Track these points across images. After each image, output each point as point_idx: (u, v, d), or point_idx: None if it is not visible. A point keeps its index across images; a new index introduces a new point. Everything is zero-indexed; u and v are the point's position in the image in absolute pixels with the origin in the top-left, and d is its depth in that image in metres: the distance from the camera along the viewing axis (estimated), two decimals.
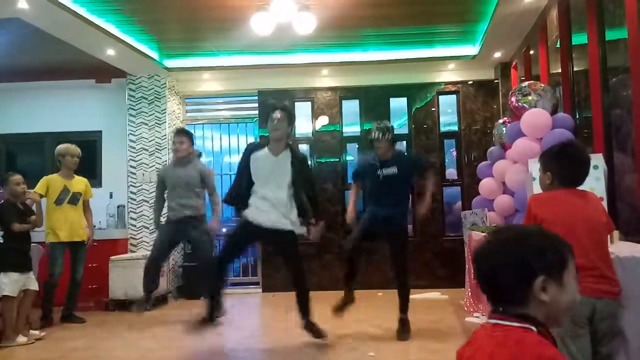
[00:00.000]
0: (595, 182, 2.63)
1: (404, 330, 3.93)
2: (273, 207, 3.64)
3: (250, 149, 3.84)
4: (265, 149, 3.76)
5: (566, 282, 1.08)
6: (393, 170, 3.91)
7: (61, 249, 4.74)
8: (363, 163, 4.27)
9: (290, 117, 3.79)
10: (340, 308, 4.08)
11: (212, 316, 3.80)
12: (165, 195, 4.78)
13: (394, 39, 5.66)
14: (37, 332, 4.27)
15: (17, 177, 4.31)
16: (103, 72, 6.33)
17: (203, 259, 4.56)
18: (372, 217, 3.98)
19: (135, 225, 6.32)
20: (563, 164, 2.19)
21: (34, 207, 4.46)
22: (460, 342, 1.18)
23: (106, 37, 5.05)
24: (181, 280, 6.24)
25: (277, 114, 3.68)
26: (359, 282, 4.20)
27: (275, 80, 6.47)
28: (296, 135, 6.55)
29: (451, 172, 6.59)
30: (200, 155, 4.95)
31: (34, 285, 4.26)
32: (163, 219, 4.81)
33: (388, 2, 4.68)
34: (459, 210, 6.07)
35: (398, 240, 3.99)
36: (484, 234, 4.08)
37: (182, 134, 4.74)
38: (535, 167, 2.91)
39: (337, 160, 6.55)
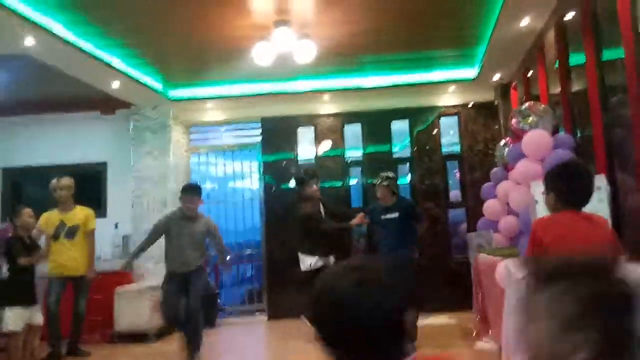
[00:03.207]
0: (598, 203, 2.62)
1: None
2: None
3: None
4: None
5: None
6: (394, 214, 4.52)
7: (58, 283, 4.74)
8: (372, 208, 4.87)
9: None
10: None
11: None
12: (164, 245, 4.53)
13: (393, 64, 5.73)
14: None
15: (29, 210, 4.38)
16: (108, 104, 6.42)
17: (190, 309, 4.34)
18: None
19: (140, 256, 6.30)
20: (565, 184, 2.18)
21: (41, 241, 4.49)
22: None
23: (111, 71, 5.15)
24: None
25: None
26: None
27: (278, 108, 6.54)
28: (299, 161, 6.60)
29: (455, 194, 6.58)
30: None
31: (39, 319, 4.25)
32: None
33: (385, 30, 4.76)
34: (465, 232, 6.04)
35: (407, 278, 4.34)
36: (489, 256, 4.05)
37: (194, 192, 4.50)
38: (537, 189, 2.90)
39: (341, 184, 6.56)
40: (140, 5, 4.11)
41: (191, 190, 4.53)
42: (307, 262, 4.91)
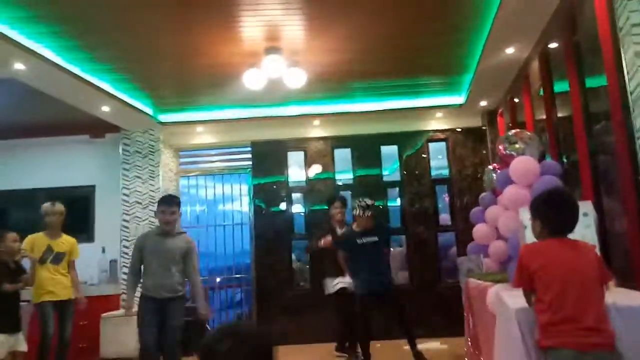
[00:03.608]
0: (586, 230, 2.65)
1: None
2: None
3: None
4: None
5: None
6: (374, 238, 4.65)
7: (50, 308, 4.65)
8: (349, 235, 4.93)
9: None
10: None
11: None
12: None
13: (381, 90, 5.81)
14: None
15: (14, 235, 4.28)
16: (97, 128, 6.42)
17: (165, 347, 3.95)
18: (367, 291, 4.62)
19: (125, 281, 6.21)
20: (550, 212, 2.21)
21: (27, 265, 4.40)
22: None
23: (101, 95, 5.16)
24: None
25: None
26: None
27: (268, 132, 6.59)
28: (290, 184, 6.61)
29: (444, 218, 6.61)
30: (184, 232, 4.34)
31: (23, 347, 4.13)
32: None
33: (374, 59, 4.85)
34: (454, 256, 6.05)
35: (397, 298, 4.68)
36: (479, 281, 4.06)
37: (171, 203, 4.08)
38: (526, 215, 2.93)
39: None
40: (130, 32, 4.14)
41: (168, 201, 4.09)
42: (329, 285, 5.13)
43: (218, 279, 7.39)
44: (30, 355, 4.36)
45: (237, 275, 7.08)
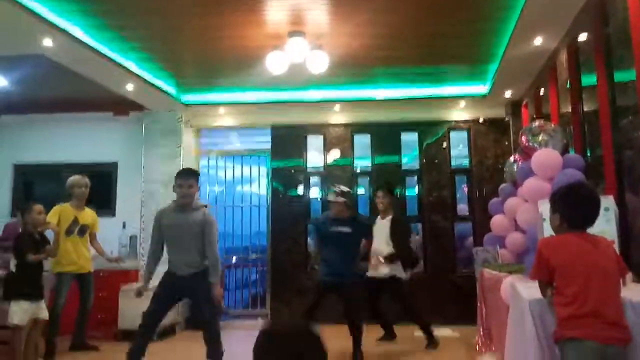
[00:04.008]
0: (606, 225, 2.63)
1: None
2: None
3: None
4: None
5: None
6: (347, 229, 4.45)
7: (68, 280, 4.77)
8: (318, 221, 4.80)
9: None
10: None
11: None
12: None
13: (404, 77, 5.77)
14: None
15: (39, 207, 4.40)
16: (121, 106, 6.51)
17: (203, 322, 3.84)
18: (325, 280, 4.50)
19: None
20: (571, 206, 2.19)
21: (52, 237, 4.53)
22: None
23: (126, 74, 5.23)
24: (189, 311, 6.21)
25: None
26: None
27: (289, 116, 6.60)
28: (308, 168, 6.64)
29: (462, 208, 6.58)
30: (206, 206, 4.08)
31: (44, 314, 4.28)
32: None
33: (399, 45, 4.81)
34: (471, 246, 6.03)
35: (351, 296, 4.45)
36: (495, 271, 4.05)
37: (192, 175, 3.86)
38: (545, 208, 2.91)
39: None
40: (157, 14, 4.18)
41: (186, 173, 3.88)
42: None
43: (234, 259, 7.51)
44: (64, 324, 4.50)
45: (254, 256, 7.18)
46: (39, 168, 6.96)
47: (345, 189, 4.63)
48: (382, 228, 4.97)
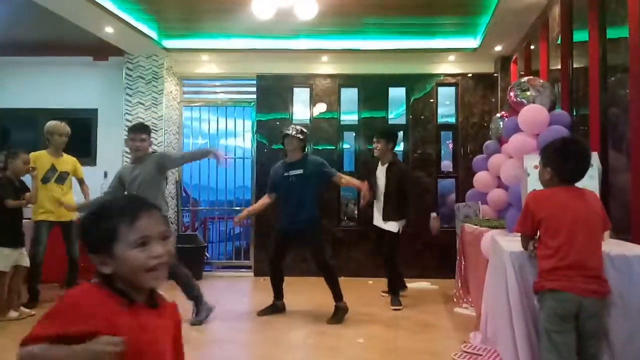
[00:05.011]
0: (589, 180, 2.64)
1: (336, 317, 4.18)
2: None
3: None
4: None
5: (118, 255, 1.12)
6: (299, 171, 4.28)
7: (47, 228, 4.65)
8: (275, 170, 4.52)
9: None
10: (266, 312, 4.40)
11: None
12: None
13: (394, 28, 5.63)
14: (27, 310, 4.23)
15: (27, 157, 4.31)
16: (101, 50, 6.27)
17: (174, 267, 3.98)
18: (283, 227, 4.37)
19: None
20: (564, 160, 2.19)
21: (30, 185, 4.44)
22: (449, 330, 1.21)
23: (104, 14, 4.98)
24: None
25: None
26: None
27: (275, 65, 6.44)
28: (294, 121, 6.54)
29: (446, 164, 6.61)
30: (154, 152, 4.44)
31: (26, 262, 4.26)
32: None
33: None
34: (453, 203, 6.10)
35: (313, 240, 4.32)
36: (476, 226, 4.12)
37: (141, 130, 4.16)
38: (530, 163, 2.92)
39: (334, 147, 6.54)
40: None
41: (138, 128, 4.18)
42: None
43: (217, 212, 7.51)
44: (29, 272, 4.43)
45: (238, 208, 7.17)
46: (15, 113, 6.72)
47: (299, 128, 4.41)
48: (381, 175, 4.83)
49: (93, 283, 1.15)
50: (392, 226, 4.77)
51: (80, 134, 6.28)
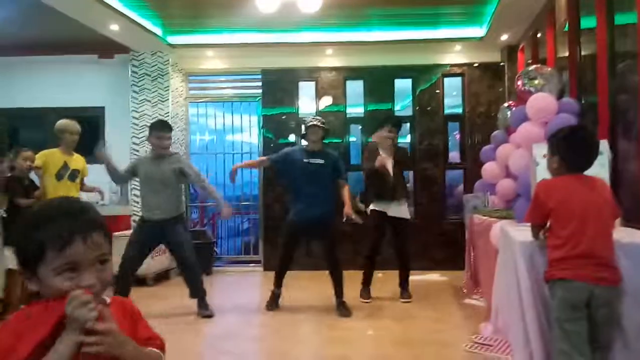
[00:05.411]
0: (599, 168, 2.62)
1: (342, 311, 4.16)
2: None
3: None
4: None
5: (42, 277, 1.00)
6: (321, 161, 4.27)
7: None
8: (292, 152, 4.46)
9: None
10: (272, 305, 4.38)
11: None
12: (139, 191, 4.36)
13: (399, 19, 5.58)
14: None
15: (28, 154, 4.34)
16: (106, 48, 6.29)
17: (187, 264, 4.19)
18: (300, 219, 4.26)
19: (138, 202, 6.33)
20: (572, 149, 2.17)
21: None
22: (459, 322, 1.20)
23: (109, 12, 4.99)
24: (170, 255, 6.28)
25: None
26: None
27: (279, 59, 6.42)
28: (300, 115, 6.53)
29: (454, 155, 6.58)
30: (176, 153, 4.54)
31: None
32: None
33: None
34: (461, 193, 6.08)
35: (327, 234, 4.29)
36: (485, 217, 4.10)
37: (164, 128, 4.24)
38: (539, 152, 2.90)
39: (340, 141, 6.53)
40: None
41: (161, 126, 4.24)
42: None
43: (223, 207, 7.50)
44: None
45: (245, 203, 7.19)
46: (23, 112, 6.77)
47: (321, 119, 4.42)
48: (389, 164, 4.64)
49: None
50: (408, 212, 4.75)
51: (88, 132, 6.30)
